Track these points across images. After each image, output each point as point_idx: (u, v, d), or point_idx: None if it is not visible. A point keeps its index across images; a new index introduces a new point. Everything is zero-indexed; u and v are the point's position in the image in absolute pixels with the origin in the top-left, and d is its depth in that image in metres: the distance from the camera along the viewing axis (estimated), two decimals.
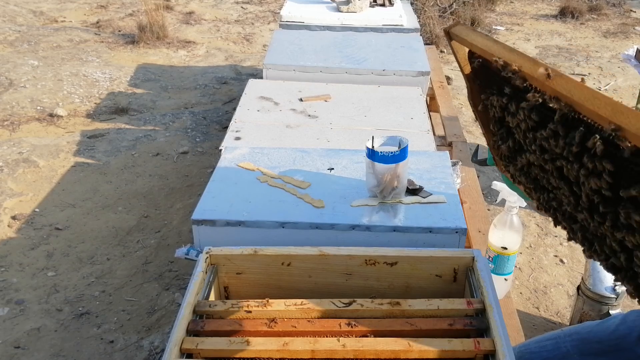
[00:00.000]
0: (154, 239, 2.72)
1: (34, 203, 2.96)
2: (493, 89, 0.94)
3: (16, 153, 3.38)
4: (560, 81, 0.75)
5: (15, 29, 5.51)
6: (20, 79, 4.34)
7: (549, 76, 0.76)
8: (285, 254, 1.23)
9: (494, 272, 1.52)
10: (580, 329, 1.38)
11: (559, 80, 0.75)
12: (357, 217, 1.43)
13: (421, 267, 1.23)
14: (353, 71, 2.56)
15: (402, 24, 3.21)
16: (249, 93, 2.31)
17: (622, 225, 0.74)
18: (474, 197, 2.00)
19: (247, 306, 1.11)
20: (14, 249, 2.63)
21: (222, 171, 1.64)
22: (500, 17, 6.44)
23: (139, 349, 2.12)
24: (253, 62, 5.00)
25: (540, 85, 0.78)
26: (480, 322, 1.08)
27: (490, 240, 1.55)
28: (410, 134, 1.99)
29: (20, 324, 2.22)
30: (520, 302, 2.39)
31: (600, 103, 0.69)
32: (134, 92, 4.32)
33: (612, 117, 0.66)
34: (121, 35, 5.49)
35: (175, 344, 1.01)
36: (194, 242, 1.45)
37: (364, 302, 1.12)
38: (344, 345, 1.01)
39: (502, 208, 1.52)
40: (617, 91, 4.59)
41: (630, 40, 5.80)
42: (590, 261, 1.97)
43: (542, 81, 0.77)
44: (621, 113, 0.65)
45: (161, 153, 3.48)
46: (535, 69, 0.78)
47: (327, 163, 1.68)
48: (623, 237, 0.74)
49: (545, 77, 0.76)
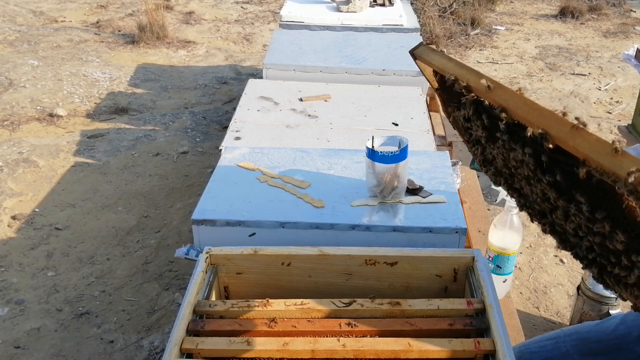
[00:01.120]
0: (154, 239, 2.72)
1: (34, 203, 2.96)
2: (455, 102, 1.01)
3: (16, 153, 3.38)
4: (499, 92, 0.84)
5: (15, 29, 5.51)
6: (20, 79, 4.34)
7: (489, 87, 0.85)
8: (285, 254, 1.23)
9: (494, 272, 1.52)
10: (580, 329, 1.38)
11: (498, 91, 0.84)
12: (357, 217, 1.43)
13: (421, 267, 1.23)
14: (353, 71, 2.56)
15: (402, 24, 3.21)
16: (249, 93, 2.31)
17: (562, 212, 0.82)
18: (474, 197, 2.00)
19: (247, 306, 1.11)
20: (14, 249, 2.63)
21: (222, 171, 1.64)
22: (500, 17, 6.44)
23: (139, 349, 2.12)
24: (253, 62, 5.00)
25: (484, 96, 0.87)
26: (480, 322, 1.08)
27: (490, 240, 1.55)
28: (410, 134, 1.99)
29: (20, 324, 2.22)
30: (520, 302, 2.39)
31: (529, 110, 0.77)
32: (134, 92, 4.32)
33: (539, 122, 0.75)
34: (121, 35, 5.49)
35: (175, 344, 1.01)
36: (194, 242, 1.45)
37: (364, 302, 1.12)
38: (344, 345, 1.01)
39: (502, 208, 1.52)
40: (617, 91, 4.59)
41: (630, 40, 5.80)
42: None
43: (485, 92, 0.86)
44: (546, 118, 0.74)
45: (161, 153, 3.48)
46: (478, 81, 0.87)
47: (327, 163, 1.68)
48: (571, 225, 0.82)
49: (486, 89, 0.85)
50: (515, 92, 0.82)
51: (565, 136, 0.70)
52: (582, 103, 4.36)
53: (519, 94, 0.81)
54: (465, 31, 5.75)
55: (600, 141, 0.65)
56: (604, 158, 0.64)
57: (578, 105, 4.30)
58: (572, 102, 4.35)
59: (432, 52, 1.01)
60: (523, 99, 0.80)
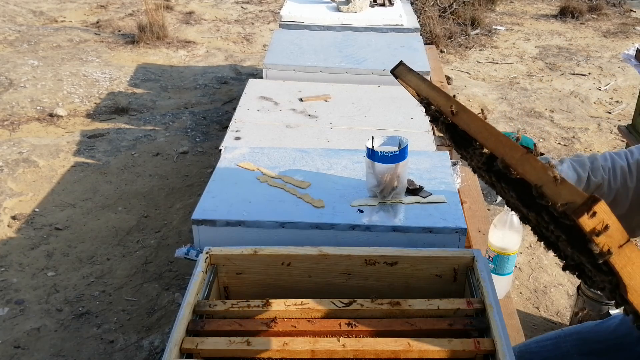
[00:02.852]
0: (154, 239, 2.72)
1: (34, 203, 2.96)
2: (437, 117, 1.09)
3: (16, 153, 3.38)
4: (463, 116, 0.91)
5: (15, 29, 5.51)
6: (20, 79, 4.34)
7: (452, 112, 0.92)
8: (285, 254, 1.23)
9: (494, 272, 1.52)
10: (580, 329, 1.38)
11: (462, 115, 0.91)
12: (357, 217, 1.43)
13: (421, 267, 1.23)
14: (353, 71, 2.56)
15: (402, 24, 3.21)
16: (249, 93, 2.31)
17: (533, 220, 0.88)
18: (474, 197, 2.00)
19: (247, 306, 1.11)
20: (14, 249, 2.63)
21: (222, 171, 1.64)
22: (500, 17, 6.44)
23: (139, 349, 2.12)
24: (253, 62, 5.00)
25: (451, 119, 0.93)
26: (480, 322, 1.08)
27: (490, 240, 1.54)
28: (410, 134, 1.99)
29: (20, 324, 2.22)
30: (520, 302, 2.39)
31: (488, 135, 0.85)
32: (134, 92, 4.32)
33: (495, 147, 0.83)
34: (121, 35, 5.49)
35: (175, 344, 1.01)
36: (194, 242, 1.45)
37: (364, 302, 1.12)
38: (344, 345, 1.01)
39: (502, 208, 1.52)
40: (617, 91, 4.59)
41: (630, 40, 5.80)
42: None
43: (451, 116, 0.93)
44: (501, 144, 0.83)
45: (161, 153, 3.48)
46: (446, 105, 0.94)
47: (327, 163, 1.68)
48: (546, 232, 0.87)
49: (450, 114, 0.92)
50: (476, 117, 0.88)
51: (516, 162, 0.79)
52: (582, 103, 4.36)
53: (479, 119, 0.88)
54: (465, 31, 5.75)
55: (544, 169, 0.74)
56: (546, 186, 0.72)
57: (578, 105, 4.31)
58: (572, 102, 4.35)
59: (409, 72, 1.08)
60: (483, 123, 0.87)
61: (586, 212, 0.66)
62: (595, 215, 0.66)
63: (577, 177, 1.13)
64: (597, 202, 0.66)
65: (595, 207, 0.66)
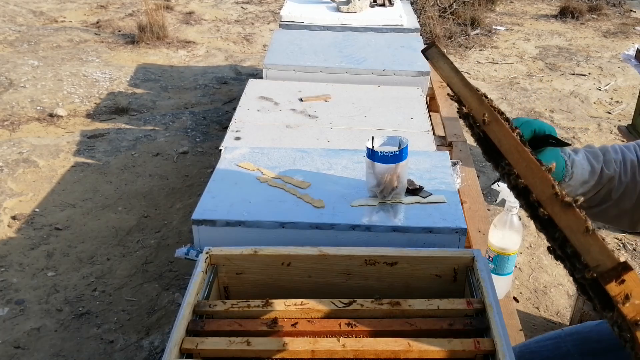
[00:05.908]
0: (154, 239, 2.72)
1: (34, 203, 2.96)
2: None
3: (16, 153, 3.38)
4: (495, 128, 0.82)
5: (15, 29, 5.51)
6: (20, 79, 4.34)
7: (484, 122, 0.83)
8: (285, 254, 1.23)
9: (494, 272, 1.52)
10: (580, 328, 1.37)
11: (494, 126, 0.82)
12: (357, 217, 1.43)
13: (421, 267, 1.23)
14: (353, 71, 2.56)
15: (402, 24, 3.21)
16: (249, 93, 2.31)
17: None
18: (474, 197, 2.00)
19: (247, 306, 1.11)
20: (14, 249, 2.63)
21: (222, 171, 1.64)
22: (500, 17, 6.44)
23: (139, 349, 2.12)
24: (253, 62, 5.00)
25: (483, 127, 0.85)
26: (480, 322, 1.08)
27: (490, 241, 1.54)
28: (410, 134, 1.99)
29: (20, 324, 2.22)
30: (520, 302, 2.39)
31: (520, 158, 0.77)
32: (134, 92, 4.32)
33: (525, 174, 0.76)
34: (121, 35, 5.49)
35: (175, 344, 1.01)
36: (194, 242, 1.45)
37: (364, 302, 1.12)
38: (344, 345, 1.01)
39: (502, 208, 1.52)
40: (617, 91, 4.59)
41: (630, 40, 5.80)
42: None
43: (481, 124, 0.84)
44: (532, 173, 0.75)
45: (161, 153, 3.48)
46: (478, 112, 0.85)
47: (327, 163, 1.68)
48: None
49: (482, 122, 0.83)
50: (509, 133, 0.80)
51: (546, 200, 0.72)
52: (582, 103, 4.36)
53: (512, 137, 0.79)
54: (465, 31, 5.75)
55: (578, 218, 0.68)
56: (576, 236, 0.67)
57: (578, 106, 4.31)
58: (572, 102, 4.35)
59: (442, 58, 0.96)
60: (515, 143, 0.79)
61: (615, 279, 0.62)
62: (624, 283, 0.62)
63: (591, 168, 1.11)
64: (628, 272, 0.62)
65: (625, 275, 0.62)
